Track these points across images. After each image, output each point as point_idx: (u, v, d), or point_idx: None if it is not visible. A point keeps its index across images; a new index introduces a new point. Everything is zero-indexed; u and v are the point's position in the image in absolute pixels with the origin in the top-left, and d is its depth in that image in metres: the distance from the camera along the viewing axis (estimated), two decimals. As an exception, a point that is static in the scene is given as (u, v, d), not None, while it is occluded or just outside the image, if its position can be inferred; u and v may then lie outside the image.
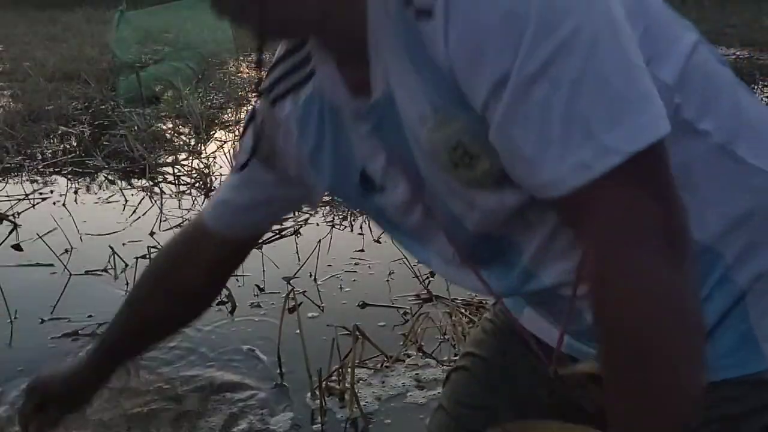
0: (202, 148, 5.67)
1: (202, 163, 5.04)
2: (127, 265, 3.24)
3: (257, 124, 1.04)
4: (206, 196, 4.42)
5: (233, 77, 9.40)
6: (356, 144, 0.90)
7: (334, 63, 0.87)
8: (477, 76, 0.70)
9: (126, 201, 4.33)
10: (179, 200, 4.36)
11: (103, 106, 7.18)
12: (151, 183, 4.70)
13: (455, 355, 2.43)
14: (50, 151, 5.63)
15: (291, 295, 2.70)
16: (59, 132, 6.18)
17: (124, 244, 3.49)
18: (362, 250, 3.47)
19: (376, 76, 0.81)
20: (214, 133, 6.17)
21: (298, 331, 2.40)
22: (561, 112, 0.68)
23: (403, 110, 0.80)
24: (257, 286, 3.07)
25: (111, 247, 3.28)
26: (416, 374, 2.35)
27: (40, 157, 5.39)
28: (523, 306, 1.06)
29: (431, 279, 3.09)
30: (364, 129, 0.87)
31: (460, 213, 0.85)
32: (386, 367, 2.38)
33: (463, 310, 2.72)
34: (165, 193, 4.47)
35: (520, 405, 1.10)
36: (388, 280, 3.12)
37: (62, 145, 5.80)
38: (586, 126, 0.68)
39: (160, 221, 3.91)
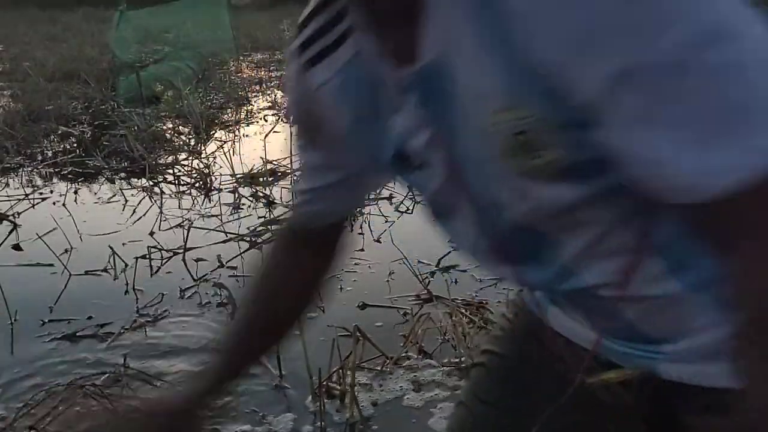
0: (202, 148, 5.67)
1: (202, 163, 5.04)
2: (126, 266, 3.24)
3: (292, 94, 0.94)
4: (206, 195, 4.42)
5: (233, 77, 9.40)
6: (396, 116, 0.81)
7: (374, 24, 0.78)
8: (586, 67, 0.63)
9: (126, 201, 4.33)
10: (179, 200, 4.36)
11: (103, 106, 7.19)
12: (151, 183, 4.69)
13: (456, 357, 2.43)
14: (50, 151, 5.63)
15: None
16: (59, 132, 6.18)
17: (124, 244, 3.49)
18: (362, 250, 3.47)
19: (430, 40, 0.72)
20: (214, 133, 6.17)
21: (297, 331, 2.40)
22: (702, 108, 0.61)
23: (459, 83, 0.72)
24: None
25: (111, 248, 3.28)
26: (416, 376, 2.35)
27: (40, 157, 5.40)
28: (546, 304, 1.02)
29: (431, 279, 3.09)
30: (411, 100, 0.78)
31: (506, 202, 0.78)
32: (386, 369, 2.38)
33: (463, 311, 2.71)
34: (165, 193, 4.47)
35: (536, 403, 1.09)
36: (388, 280, 3.12)
37: (62, 145, 5.80)
38: (733, 123, 0.61)
39: (160, 221, 3.91)
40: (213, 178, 4.66)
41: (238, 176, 4.64)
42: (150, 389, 2.26)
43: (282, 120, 6.53)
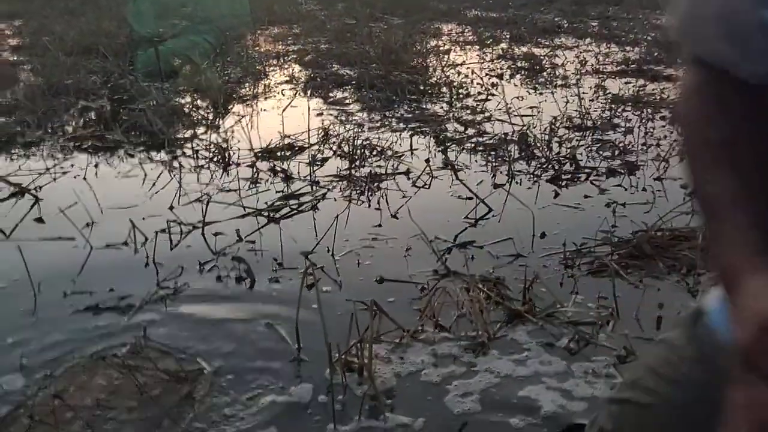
0: (220, 122, 5.68)
1: (220, 137, 5.06)
2: (147, 239, 3.28)
3: None
4: (224, 170, 4.43)
5: (251, 51, 9.37)
6: None
7: None
8: None
9: (145, 175, 4.36)
10: (198, 174, 4.38)
11: (122, 81, 7.20)
12: (170, 157, 4.72)
13: (472, 330, 2.44)
14: (70, 125, 5.67)
15: (309, 270, 2.72)
16: (79, 106, 6.21)
17: (143, 219, 3.52)
18: (380, 225, 3.48)
19: None
20: (232, 108, 6.17)
21: (315, 305, 2.42)
22: None
23: None
24: (275, 260, 3.09)
25: (131, 221, 3.31)
26: (433, 349, 2.36)
27: (60, 132, 5.44)
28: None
29: (448, 255, 3.09)
30: None
31: None
32: (404, 342, 2.40)
33: (480, 286, 2.72)
34: (184, 168, 4.49)
35: None
36: (405, 256, 3.12)
37: (82, 120, 5.83)
38: None
39: (179, 195, 3.94)
40: (231, 152, 4.68)
41: (256, 151, 4.65)
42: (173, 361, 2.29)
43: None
